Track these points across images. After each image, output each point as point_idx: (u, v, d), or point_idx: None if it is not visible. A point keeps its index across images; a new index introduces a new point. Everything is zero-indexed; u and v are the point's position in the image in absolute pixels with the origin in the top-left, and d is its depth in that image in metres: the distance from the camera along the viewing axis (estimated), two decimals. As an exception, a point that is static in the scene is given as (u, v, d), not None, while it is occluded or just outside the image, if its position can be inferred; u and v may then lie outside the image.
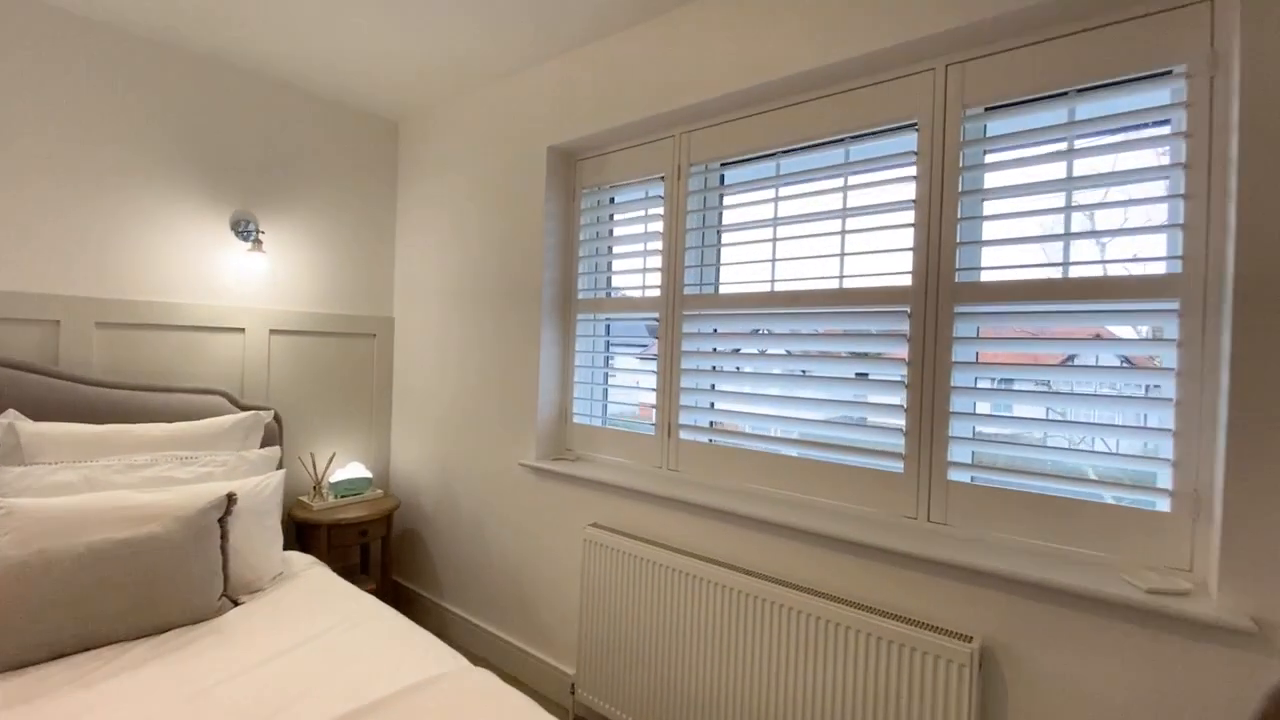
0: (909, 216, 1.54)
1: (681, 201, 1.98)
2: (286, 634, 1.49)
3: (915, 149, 1.53)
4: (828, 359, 1.68)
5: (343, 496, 2.58)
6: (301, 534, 2.42)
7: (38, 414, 1.83)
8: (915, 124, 1.53)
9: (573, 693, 2.01)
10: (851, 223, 1.63)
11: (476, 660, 2.42)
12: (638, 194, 2.15)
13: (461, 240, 2.60)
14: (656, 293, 2.05)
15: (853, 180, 1.64)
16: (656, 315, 2.06)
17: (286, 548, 2.37)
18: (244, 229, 2.40)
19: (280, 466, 2.41)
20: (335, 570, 2.63)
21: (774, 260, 1.77)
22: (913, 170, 1.53)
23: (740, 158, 1.85)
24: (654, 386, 2.04)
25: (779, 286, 1.77)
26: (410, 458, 2.84)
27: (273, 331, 2.51)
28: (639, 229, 2.17)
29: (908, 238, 1.54)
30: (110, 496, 1.62)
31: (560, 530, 2.19)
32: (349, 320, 2.76)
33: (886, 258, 1.58)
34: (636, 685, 1.82)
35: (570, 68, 2.18)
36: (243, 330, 2.42)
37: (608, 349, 2.31)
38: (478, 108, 2.53)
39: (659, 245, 2.05)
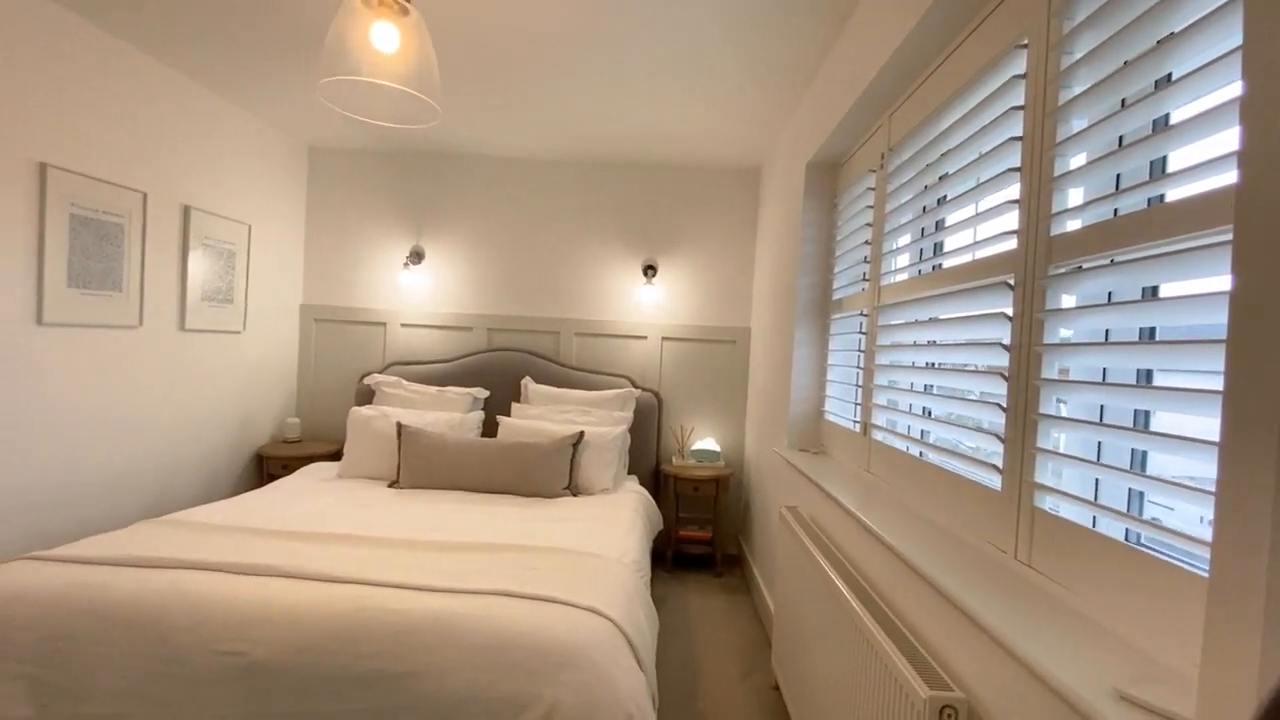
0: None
1: (882, 192, 1.91)
2: (564, 512, 2.44)
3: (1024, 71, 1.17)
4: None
5: (700, 461, 3.41)
6: (664, 481, 3.38)
7: (542, 381, 3.42)
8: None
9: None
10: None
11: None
12: (859, 189, 2.13)
13: (767, 257, 3.05)
14: (861, 287, 2.01)
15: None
16: (863, 310, 2.01)
17: (651, 487, 3.37)
18: (649, 269, 3.57)
19: (658, 428, 3.46)
20: (679, 518, 3.47)
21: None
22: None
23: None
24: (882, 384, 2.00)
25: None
26: (751, 439, 3.42)
27: (664, 338, 3.60)
28: (860, 224, 2.13)
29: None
30: (538, 424, 2.97)
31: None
32: (717, 330, 3.59)
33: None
34: (795, 674, 1.90)
35: (813, 92, 2.37)
36: (645, 337, 3.60)
37: (860, 346, 2.31)
38: (783, 148, 2.93)
39: (868, 238, 2.01)
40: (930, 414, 1.68)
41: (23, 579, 1.56)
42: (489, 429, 3.24)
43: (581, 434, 2.84)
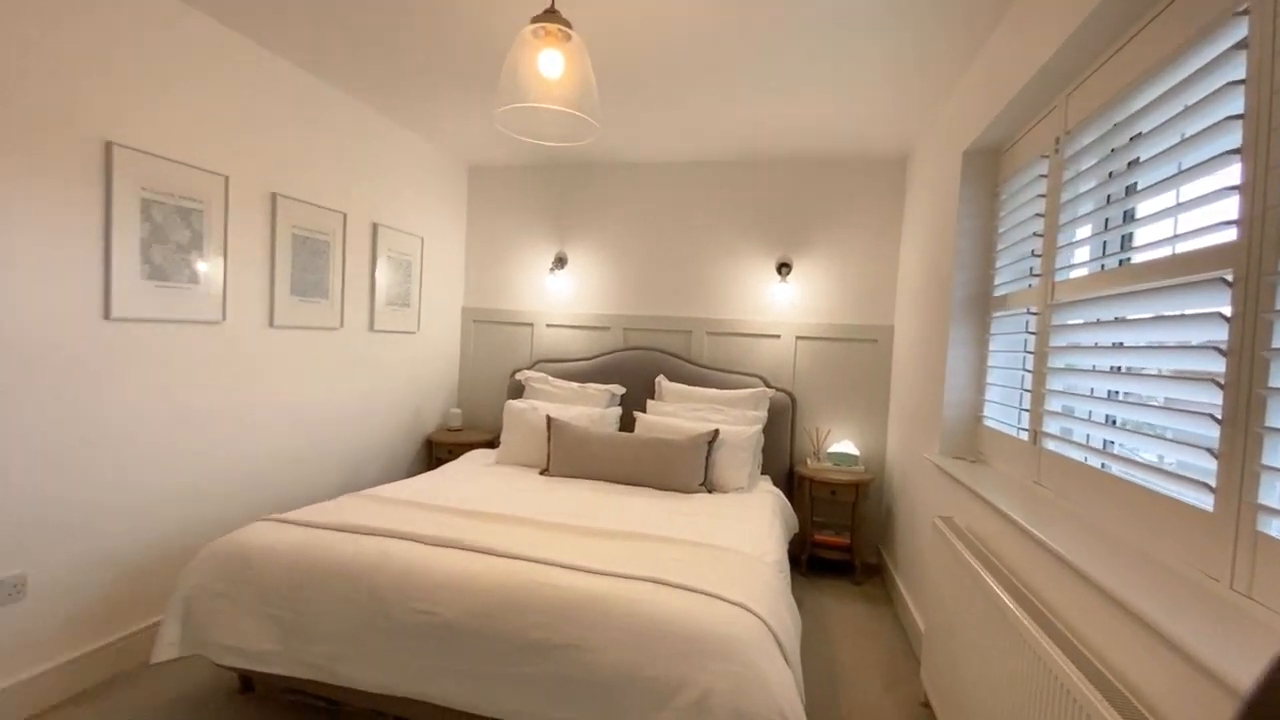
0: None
1: (1057, 180, 1.75)
2: (701, 508, 2.50)
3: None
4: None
5: (837, 465, 3.32)
6: (799, 483, 3.33)
7: (675, 379, 3.52)
8: (1250, 0, 1.03)
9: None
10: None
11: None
12: (1028, 177, 1.96)
13: (914, 252, 2.89)
14: (1029, 284, 1.86)
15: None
16: (1031, 308, 1.86)
17: (785, 488, 3.33)
18: (783, 267, 3.53)
19: (792, 432, 3.43)
20: (815, 522, 3.38)
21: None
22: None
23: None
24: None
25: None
26: (893, 444, 3.26)
27: (798, 337, 3.54)
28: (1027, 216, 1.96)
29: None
30: (673, 421, 3.06)
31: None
32: (856, 329, 3.47)
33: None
34: (950, 692, 1.81)
35: (972, 75, 2.22)
36: (778, 336, 3.56)
37: (1028, 347, 2.13)
38: (935, 136, 2.76)
39: (1038, 230, 1.85)
40: (1115, 423, 1.53)
41: (269, 536, 1.91)
42: (625, 424, 3.39)
43: (716, 432, 2.89)
